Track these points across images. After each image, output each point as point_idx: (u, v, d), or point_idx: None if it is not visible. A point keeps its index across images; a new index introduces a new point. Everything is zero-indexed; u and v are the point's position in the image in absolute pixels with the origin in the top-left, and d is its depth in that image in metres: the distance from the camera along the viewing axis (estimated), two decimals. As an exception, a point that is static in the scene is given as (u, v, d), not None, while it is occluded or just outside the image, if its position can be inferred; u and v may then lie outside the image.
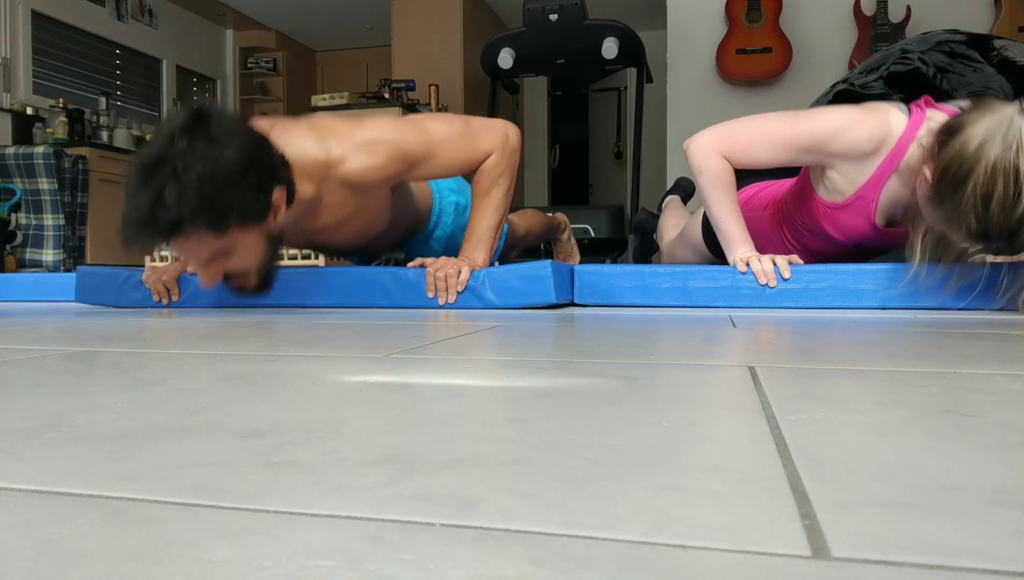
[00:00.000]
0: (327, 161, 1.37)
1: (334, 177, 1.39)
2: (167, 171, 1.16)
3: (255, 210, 1.25)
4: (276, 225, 1.31)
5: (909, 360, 0.69)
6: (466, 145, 1.49)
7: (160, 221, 1.17)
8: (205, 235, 1.21)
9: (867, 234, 1.43)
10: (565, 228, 2.51)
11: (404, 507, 0.29)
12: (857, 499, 0.30)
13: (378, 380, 0.60)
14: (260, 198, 1.25)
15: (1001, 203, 1.06)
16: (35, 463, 0.37)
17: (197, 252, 1.26)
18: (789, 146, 1.34)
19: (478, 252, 1.52)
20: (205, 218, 1.18)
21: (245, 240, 1.27)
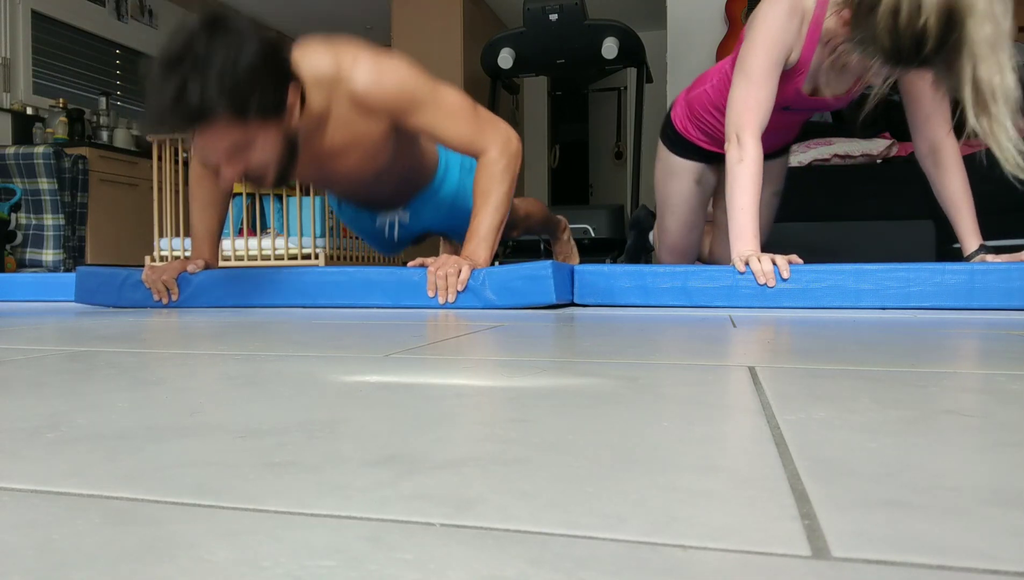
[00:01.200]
0: (338, 74, 1.44)
1: (343, 91, 1.45)
2: (189, 63, 1.21)
3: (273, 104, 1.30)
4: (292, 126, 1.37)
5: (909, 360, 0.69)
6: (468, 123, 1.52)
7: (185, 109, 1.22)
8: (228, 124, 1.26)
9: (793, 100, 1.61)
10: (565, 228, 2.52)
11: (404, 507, 0.29)
12: (857, 499, 0.30)
13: (378, 380, 0.60)
14: (278, 93, 1.31)
15: (908, 16, 1.24)
16: (35, 463, 0.37)
17: (219, 143, 1.30)
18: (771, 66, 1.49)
19: (479, 251, 1.52)
20: (228, 105, 1.23)
21: (265, 135, 1.32)
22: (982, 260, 1.48)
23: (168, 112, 1.22)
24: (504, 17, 6.51)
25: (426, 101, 1.49)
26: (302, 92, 1.38)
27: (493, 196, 1.54)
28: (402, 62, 1.49)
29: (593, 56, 3.60)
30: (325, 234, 3.29)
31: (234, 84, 1.22)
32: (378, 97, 1.46)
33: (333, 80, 1.44)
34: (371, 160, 1.61)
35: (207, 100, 1.21)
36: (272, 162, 1.38)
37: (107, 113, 4.99)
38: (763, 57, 1.48)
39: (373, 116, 1.49)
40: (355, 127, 1.51)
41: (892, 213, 2.80)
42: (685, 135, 1.90)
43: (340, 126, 1.50)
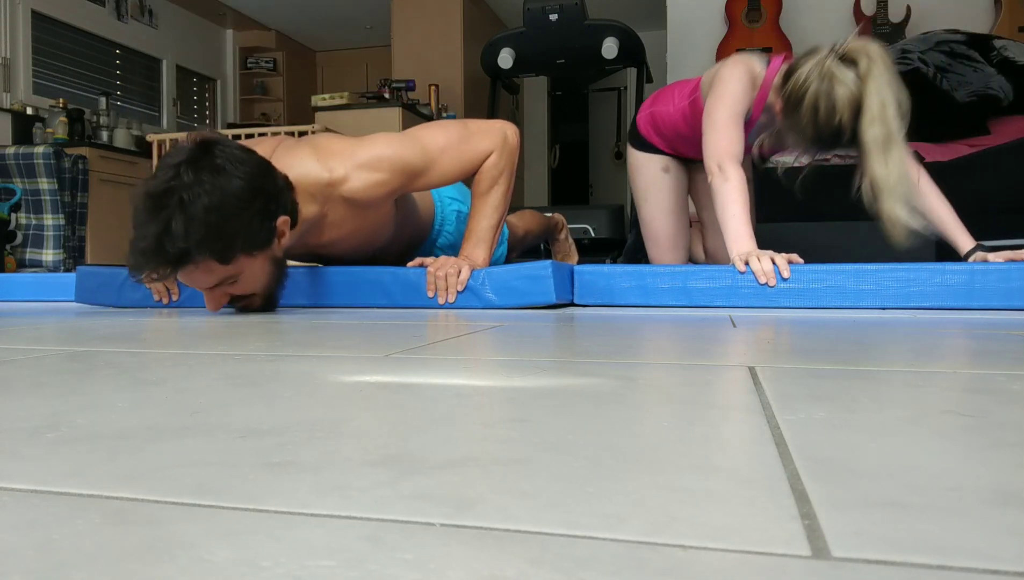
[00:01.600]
0: (330, 181, 1.39)
1: (337, 196, 1.41)
2: (174, 202, 1.19)
3: (260, 238, 1.28)
4: (280, 249, 1.35)
5: (909, 360, 0.69)
6: (465, 150, 1.50)
7: (168, 251, 1.20)
8: (212, 264, 1.24)
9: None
10: (563, 228, 2.52)
11: (404, 507, 0.29)
12: (857, 499, 0.30)
13: (378, 380, 0.60)
14: (265, 225, 1.28)
15: (826, 113, 1.48)
16: (35, 463, 0.37)
17: (204, 279, 1.28)
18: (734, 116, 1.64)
19: (478, 251, 1.52)
20: (212, 248, 1.21)
21: (251, 266, 1.31)
22: (982, 258, 1.49)
23: (151, 255, 1.20)
24: (504, 17, 6.51)
25: (421, 166, 1.45)
26: (294, 208, 1.35)
27: (491, 196, 1.53)
28: (385, 143, 1.43)
29: (593, 56, 3.59)
30: (325, 234, 3.28)
31: (219, 225, 1.20)
32: (377, 192, 1.42)
33: (326, 187, 1.40)
34: (372, 239, 1.59)
35: (190, 244, 1.19)
36: (259, 289, 1.37)
37: (107, 113, 4.99)
38: (728, 109, 1.63)
39: (373, 206, 1.46)
40: (353, 222, 1.48)
41: (892, 213, 2.80)
42: (649, 140, 2.04)
43: (337, 224, 1.48)
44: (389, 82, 5.23)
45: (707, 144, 1.64)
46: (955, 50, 3.12)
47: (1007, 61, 3.07)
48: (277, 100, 6.88)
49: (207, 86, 6.60)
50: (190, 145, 1.25)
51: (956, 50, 3.12)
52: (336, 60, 7.42)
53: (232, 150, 1.26)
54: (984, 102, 3.05)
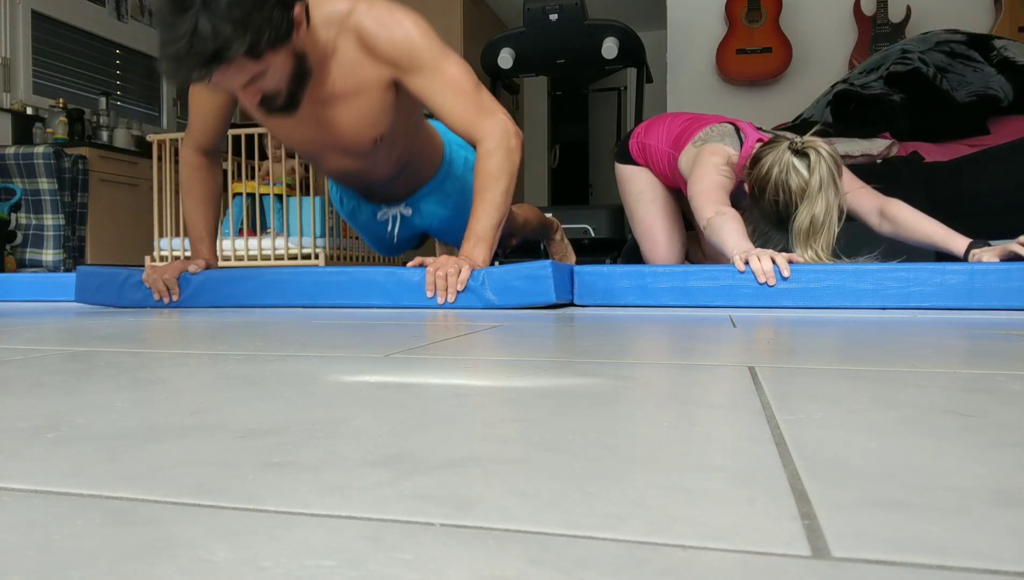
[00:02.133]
0: (349, 10, 1.46)
1: (352, 28, 1.47)
2: (197, 3, 1.23)
3: (283, 28, 1.32)
4: (300, 41, 1.39)
5: (909, 360, 0.69)
6: (467, 102, 1.52)
7: (199, 52, 1.24)
8: (243, 60, 1.29)
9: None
10: (557, 229, 2.53)
11: (404, 507, 0.29)
12: (857, 499, 0.30)
13: (378, 380, 0.60)
14: (285, 15, 1.33)
15: (785, 202, 1.64)
16: (35, 463, 0.37)
17: (236, 78, 1.33)
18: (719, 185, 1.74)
19: (477, 251, 1.51)
20: (242, 43, 1.25)
21: (276, 60, 1.35)
22: (978, 257, 1.49)
23: (184, 58, 1.24)
24: (504, 17, 6.51)
25: (429, 64, 1.49)
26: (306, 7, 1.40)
27: (491, 193, 1.52)
28: (417, 20, 1.50)
29: (593, 56, 3.59)
30: (325, 234, 3.29)
31: (244, 19, 1.25)
32: (384, 42, 1.47)
33: (344, 17, 1.46)
34: (370, 118, 1.58)
35: (221, 43, 1.23)
36: (285, 82, 1.41)
37: (107, 113, 4.98)
38: (712, 177, 1.73)
39: (376, 63, 1.50)
40: (358, 71, 1.51)
41: (892, 213, 2.80)
42: (638, 163, 2.13)
43: (343, 68, 1.51)
44: (389, 82, 5.22)
45: (696, 209, 1.71)
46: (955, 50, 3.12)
47: (1007, 61, 3.07)
48: (277, 100, 6.86)
49: (207, 86, 6.58)
50: None
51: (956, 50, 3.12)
52: (336, 60, 7.40)
53: None
54: (984, 102, 3.05)
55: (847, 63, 4.17)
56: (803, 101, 3.99)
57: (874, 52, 3.68)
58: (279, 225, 3.32)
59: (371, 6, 1.48)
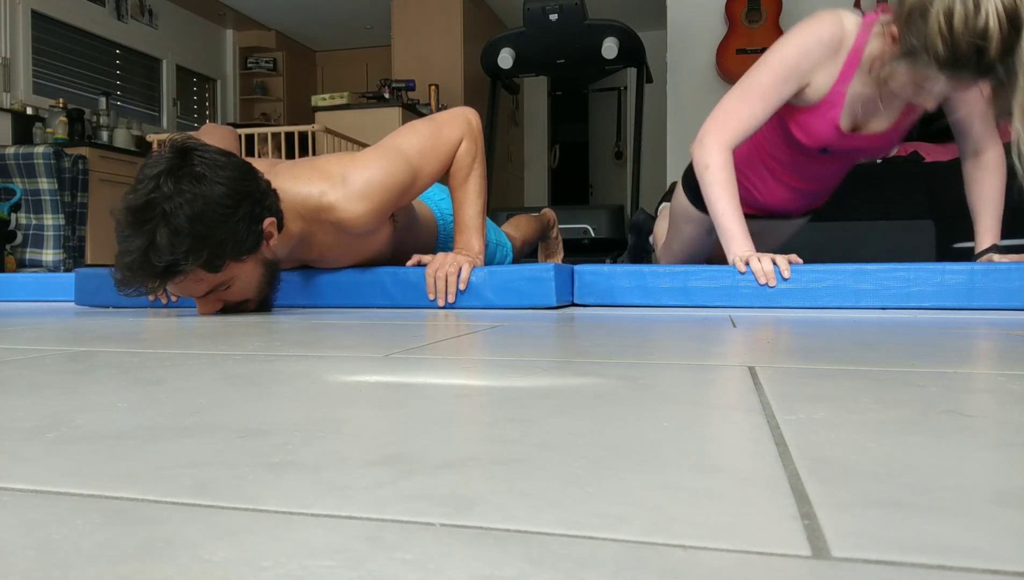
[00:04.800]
0: (318, 207, 1.38)
1: (327, 221, 1.40)
2: (157, 214, 1.18)
3: (248, 242, 1.27)
4: (270, 251, 1.34)
5: (909, 360, 0.69)
6: (440, 145, 1.50)
7: (154, 265, 1.18)
8: (201, 273, 1.23)
9: (831, 139, 1.51)
10: (553, 225, 2.53)
11: (404, 507, 0.29)
12: (857, 499, 0.30)
13: (378, 380, 0.60)
14: (252, 229, 1.26)
15: (963, 18, 1.13)
16: (35, 463, 0.37)
17: (194, 288, 1.28)
18: (773, 86, 1.43)
19: (472, 240, 1.53)
20: (200, 258, 1.20)
21: (241, 271, 1.30)
22: (988, 259, 1.48)
23: (137, 271, 1.19)
24: (504, 17, 6.51)
25: (409, 179, 1.43)
26: (279, 213, 1.34)
27: (470, 183, 1.54)
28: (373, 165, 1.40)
29: (593, 56, 3.60)
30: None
31: (205, 233, 1.19)
32: (370, 219, 1.40)
33: (315, 213, 1.39)
34: (371, 256, 1.58)
35: (176, 256, 1.18)
36: (252, 292, 1.36)
37: (107, 113, 4.99)
38: (768, 77, 1.43)
39: (368, 232, 1.46)
40: (346, 242, 1.47)
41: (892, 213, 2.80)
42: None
43: (329, 245, 1.47)
44: (389, 82, 5.24)
45: (719, 105, 1.48)
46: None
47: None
48: (277, 100, 6.88)
49: (207, 86, 6.60)
50: (168, 153, 1.22)
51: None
52: (336, 60, 7.42)
53: (211, 155, 1.24)
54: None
55: (847, 63, 4.17)
56: (803, 101, 3.98)
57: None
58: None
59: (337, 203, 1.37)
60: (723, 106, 1.48)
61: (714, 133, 1.46)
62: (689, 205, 1.86)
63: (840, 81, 1.42)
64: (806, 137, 1.52)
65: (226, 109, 6.77)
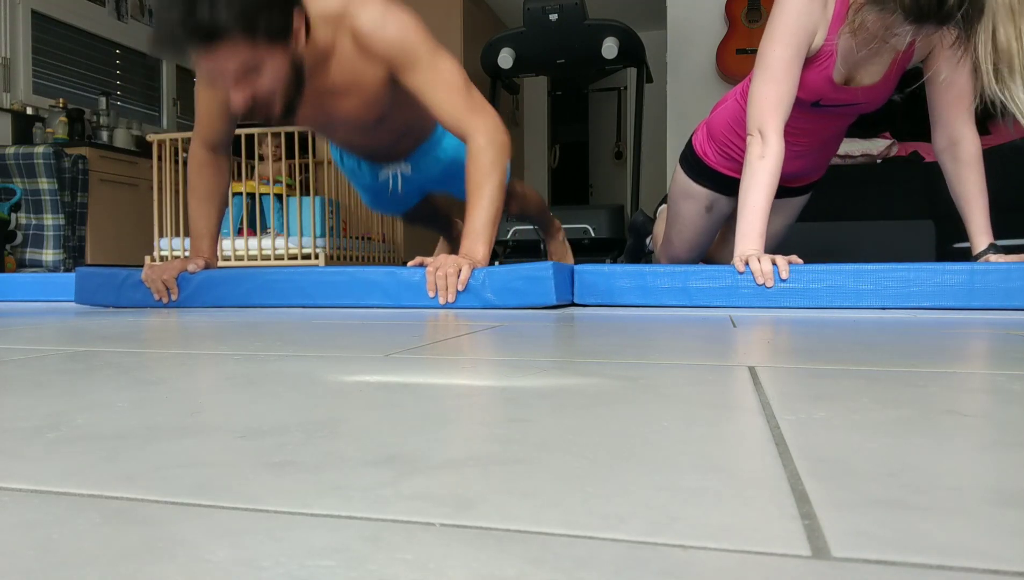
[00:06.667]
0: (345, 11, 1.48)
1: (347, 28, 1.49)
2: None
3: (280, 26, 1.35)
4: (297, 52, 1.41)
5: (909, 360, 0.69)
6: (458, 99, 1.53)
7: (194, 27, 1.26)
8: (237, 43, 1.30)
9: (824, 90, 1.55)
10: (559, 229, 2.53)
11: (404, 507, 0.29)
12: (857, 499, 0.30)
13: (378, 380, 0.60)
14: (284, 15, 1.35)
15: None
16: (35, 463, 0.37)
17: (228, 64, 1.33)
18: (792, 56, 1.46)
19: (477, 247, 1.52)
20: (237, 23, 1.27)
21: (272, 58, 1.36)
22: (987, 260, 1.48)
23: (178, 31, 1.26)
24: (504, 17, 6.51)
25: (422, 62, 1.51)
26: (306, 20, 1.42)
27: (486, 189, 1.53)
28: (410, 19, 1.52)
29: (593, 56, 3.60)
30: (325, 234, 3.29)
31: (244, 5, 1.27)
32: (378, 42, 1.49)
33: (339, 16, 1.48)
34: (371, 105, 1.62)
35: (217, 17, 1.25)
36: (279, 89, 1.42)
37: (107, 113, 4.98)
38: (782, 48, 1.45)
39: (372, 61, 1.52)
40: (356, 68, 1.53)
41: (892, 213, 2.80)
42: (704, 160, 1.87)
43: (342, 64, 1.53)
44: (389, 82, 5.23)
45: (753, 95, 1.50)
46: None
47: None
48: (277, 100, 6.87)
49: (207, 86, 6.59)
50: None
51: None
52: (336, 60, 7.41)
53: None
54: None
55: (847, 63, 4.17)
56: (803, 101, 3.98)
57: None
58: (279, 225, 3.32)
59: (364, 6, 1.49)
60: (759, 93, 1.49)
61: (770, 123, 1.47)
62: (688, 181, 1.89)
63: (831, 33, 1.46)
64: (800, 90, 1.54)
65: (226, 109, 6.76)
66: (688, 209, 1.93)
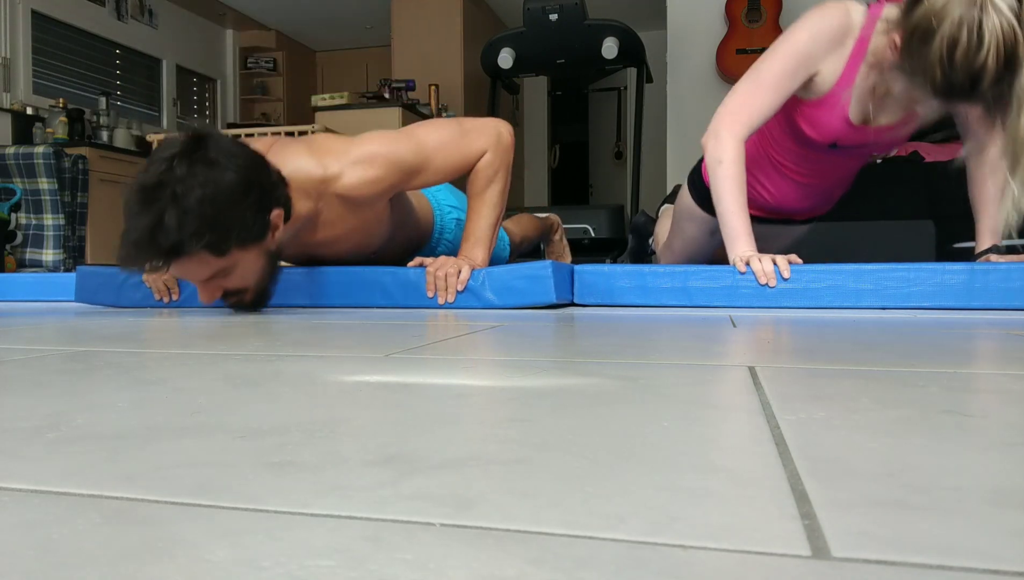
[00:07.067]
0: (324, 177, 1.39)
1: (331, 193, 1.41)
2: (167, 194, 1.18)
3: (254, 230, 1.27)
4: (274, 242, 1.35)
5: (909, 360, 0.69)
6: (460, 148, 1.50)
7: (160, 243, 1.19)
8: (205, 256, 1.23)
9: (841, 132, 1.50)
10: (558, 228, 2.52)
11: (404, 507, 0.29)
12: (857, 499, 0.30)
13: (378, 380, 0.60)
14: (259, 218, 1.28)
15: (965, 52, 1.15)
16: (35, 463, 0.37)
17: (197, 272, 1.28)
18: (784, 74, 1.43)
19: (477, 251, 1.51)
20: (205, 240, 1.20)
21: (244, 259, 1.30)
22: (987, 260, 1.48)
23: (143, 249, 1.19)
24: (504, 17, 6.51)
25: (416, 163, 1.44)
26: (287, 202, 1.35)
27: (487, 194, 1.52)
28: (380, 140, 1.43)
29: (593, 56, 3.60)
30: (325, 234, 3.28)
31: (213, 217, 1.19)
32: (371, 189, 1.41)
33: (320, 184, 1.40)
34: (368, 240, 1.58)
35: (183, 237, 1.18)
36: (252, 283, 1.36)
37: (107, 113, 4.99)
38: (780, 63, 1.42)
39: (368, 204, 1.46)
40: (348, 221, 1.48)
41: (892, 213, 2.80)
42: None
43: (332, 222, 1.48)
44: (389, 82, 5.24)
45: (731, 94, 1.46)
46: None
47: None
48: (277, 100, 6.88)
49: (207, 86, 6.60)
50: (183, 138, 1.24)
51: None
52: (336, 60, 7.42)
53: (225, 143, 1.26)
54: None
55: (847, 63, 4.17)
56: (803, 101, 3.98)
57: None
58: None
59: (339, 164, 1.39)
60: (735, 97, 1.47)
61: (728, 125, 1.45)
62: (694, 205, 1.85)
63: (847, 73, 1.42)
64: (815, 132, 1.52)
65: (226, 109, 6.77)
66: (691, 229, 1.91)
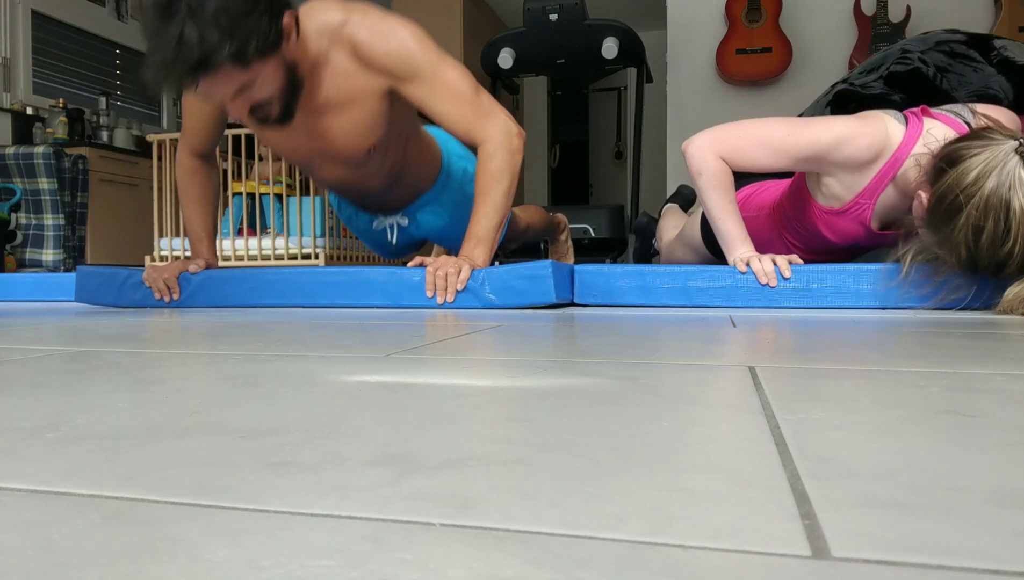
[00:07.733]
0: (344, 22, 1.45)
1: (346, 38, 1.46)
2: (183, 10, 1.23)
3: (271, 37, 1.32)
4: (290, 51, 1.39)
5: (909, 360, 0.69)
6: (466, 106, 1.50)
7: (185, 60, 1.24)
8: (230, 69, 1.28)
9: (861, 237, 1.50)
10: (564, 228, 2.52)
11: (404, 507, 0.29)
12: (857, 499, 0.30)
13: (378, 380, 0.60)
14: (274, 24, 1.32)
15: (991, 238, 1.11)
16: (35, 463, 0.37)
17: (224, 87, 1.32)
18: (787, 154, 1.38)
19: (478, 252, 1.51)
20: (228, 50, 1.25)
21: (265, 69, 1.35)
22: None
23: (171, 65, 1.24)
24: (504, 17, 6.51)
25: (426, 71, 1.47)
26: (296, 18, 1.40)
27: (492, 194, 1.51)
28: (413, 28, 1.49)
29: (593, 56, 3.60)
30: (325, 234, 3.29)
31: (230, 27, 1.24)
32: (379, 52, 1.46)
33: (338, 27, 1.45)
34: (364, 129, 1.57)
35: (207, 50, 1.23)
36: (276, 94, 1.40)
37: (107, 113, 4.98)
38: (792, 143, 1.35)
39: (371, 73, 1.49)
40: (352, 82, 1.50)
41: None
42: None
43: (336, 78, 1.50)
44: (389, 82, 5.22)
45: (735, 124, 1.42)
46: (955, 50, 3.11)
47: (1007, 61, 3.07)
48: (277, 100, 6.87)
49: (207, 86, 6.58)
50: None
51: (956, 50, 3.11)
52: (336, 60, 7.40)
53: None
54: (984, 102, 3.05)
55: (847, 63, 4.17)
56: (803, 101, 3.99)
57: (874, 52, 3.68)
58: (279, 225, 3.32)
59: (365, 16, 1.46)
60: (735, 129, 1.41)
61: (710, 143, 1.41)
62: (700, 238, 1.85)
63: (872, 186, 1.37)
64: (837, 237, 1.51)
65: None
66: (697, 254, 1.92)
